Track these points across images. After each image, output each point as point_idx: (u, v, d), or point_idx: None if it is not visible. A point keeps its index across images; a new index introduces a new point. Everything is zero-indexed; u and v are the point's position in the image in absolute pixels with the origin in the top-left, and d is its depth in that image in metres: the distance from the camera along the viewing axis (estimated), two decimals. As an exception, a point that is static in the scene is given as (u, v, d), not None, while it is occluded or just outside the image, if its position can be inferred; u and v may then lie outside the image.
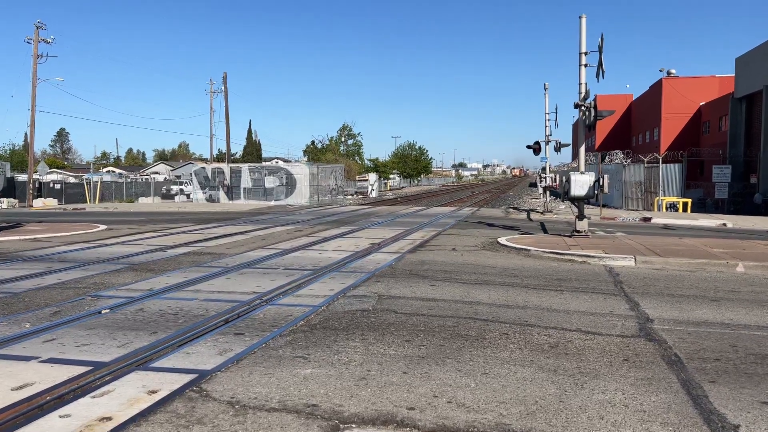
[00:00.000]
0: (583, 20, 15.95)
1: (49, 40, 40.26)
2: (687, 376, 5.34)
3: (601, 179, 15.29)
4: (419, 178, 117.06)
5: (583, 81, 16.01)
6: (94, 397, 4.73)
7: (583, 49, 15.94)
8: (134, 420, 4.26)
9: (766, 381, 5.23)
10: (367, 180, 64.86)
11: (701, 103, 49.74)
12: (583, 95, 15.89)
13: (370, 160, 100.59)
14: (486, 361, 5.68)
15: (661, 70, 56.73)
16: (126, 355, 5.78)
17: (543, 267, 11.77)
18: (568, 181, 15.70)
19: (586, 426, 4.23)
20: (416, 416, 4.36)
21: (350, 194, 56.96)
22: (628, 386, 5.05)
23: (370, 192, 60.02)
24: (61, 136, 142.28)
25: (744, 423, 4.32)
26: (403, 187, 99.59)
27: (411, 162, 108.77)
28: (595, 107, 15.43)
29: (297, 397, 4.70)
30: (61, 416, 4.35)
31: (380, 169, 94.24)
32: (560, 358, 5.83)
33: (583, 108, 15.81)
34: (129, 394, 4.78)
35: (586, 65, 15.99)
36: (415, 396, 4.76)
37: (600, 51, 15.39)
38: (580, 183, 15.47)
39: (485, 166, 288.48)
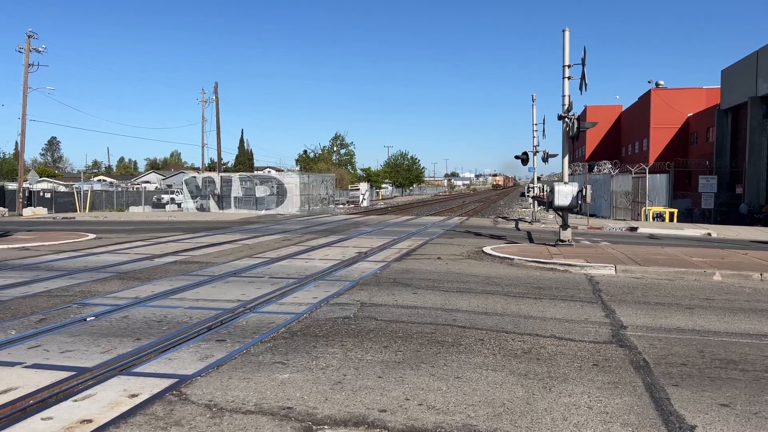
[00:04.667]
0: (566, 34, 16.27)
1: (40, 49, 40.36)
2: (652, 379, 5.54)
3: (584, 189, 15.55)
4: (411, 188, 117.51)
5: (566, 93, 16.32)
6: (76, 400, 4.87)
7: (567, 62, 16.26)
8: (114, 422, 4.41)
9: (727, 384, 5.43)
10: (358, 189, 65.06)
11: (689, 114, 50.36)
12: (566, 107, 16.19)
13: (362, 170, 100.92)
14: (459, 366, 5.86)
15: (649, 82, 57.43)
16: (109, 361, 5.92)
17: (525, 276, 11.97)
18: (552, 191, 15.96)
19: (550, 426, 4.41)
20: (387, 418, 4.53)
21: (341, 203, 57.12)
22: (595, 389, 5.24)
23: (362, 201, 60.20)
24: (52, 144, 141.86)
25: (701, 424, 4.51)
26: (395, 196, 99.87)
27: (403, 171, 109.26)
28: (578, 119, 15.72)
29: (273, 400, 4.86)
30: (43, 419, 4.49)
31: (372, 178, 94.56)
32: (532, 363, 6.02)
33: (566, 120, 16.10)
34: (110, 397, 4.92)
35: (569, 78, 16.30)
36: (388, 399, 4.93)
37: (583, 64, 15.72)
38: (564, 193, 15.73)
39: (477, 176, 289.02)
